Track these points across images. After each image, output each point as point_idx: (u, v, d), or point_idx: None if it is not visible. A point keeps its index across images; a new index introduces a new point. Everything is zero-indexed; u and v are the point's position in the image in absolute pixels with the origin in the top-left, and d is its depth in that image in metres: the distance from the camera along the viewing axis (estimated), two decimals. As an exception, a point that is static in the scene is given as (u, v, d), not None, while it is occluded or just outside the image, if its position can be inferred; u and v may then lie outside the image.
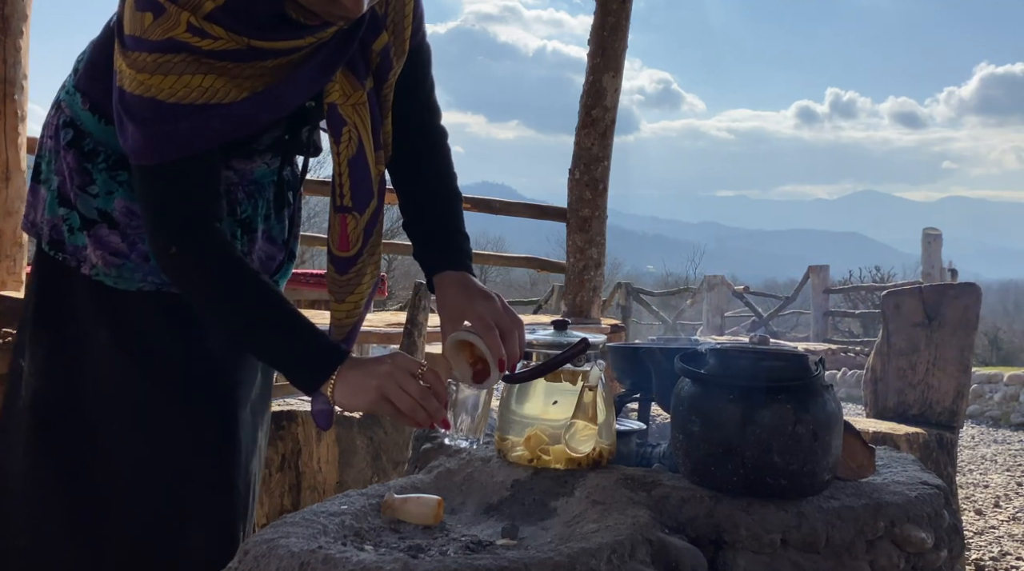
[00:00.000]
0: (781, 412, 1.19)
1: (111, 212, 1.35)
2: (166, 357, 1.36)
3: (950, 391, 3.16)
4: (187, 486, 1.36)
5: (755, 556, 1.15)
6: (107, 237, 1.35)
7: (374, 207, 1.37)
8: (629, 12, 4.78)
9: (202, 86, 1.19)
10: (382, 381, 1.20)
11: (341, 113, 1.31)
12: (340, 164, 1.33)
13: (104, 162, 1.35)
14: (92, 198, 1.35)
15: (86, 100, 1.35)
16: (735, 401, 1.21)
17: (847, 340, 12.53)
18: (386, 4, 1.33)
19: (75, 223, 1.36)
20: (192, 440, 1.36)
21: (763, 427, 1.18)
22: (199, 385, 1.37)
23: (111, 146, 1.33)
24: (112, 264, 1.35)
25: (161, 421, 1.35)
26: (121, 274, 1.35)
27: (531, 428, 1.33)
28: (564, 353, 1.30)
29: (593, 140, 4.82)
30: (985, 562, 3.33)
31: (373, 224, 1.37)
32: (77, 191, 1.35)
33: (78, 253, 1.36)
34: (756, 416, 1.19)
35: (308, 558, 0.98)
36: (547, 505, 1.24)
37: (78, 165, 1.35)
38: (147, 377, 1.35)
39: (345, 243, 1.35)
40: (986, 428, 7.05)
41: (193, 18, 1.15)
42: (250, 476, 1.44)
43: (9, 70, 3.51)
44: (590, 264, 4.86)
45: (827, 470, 1.23)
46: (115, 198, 1.35)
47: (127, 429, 1.35)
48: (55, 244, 1.38)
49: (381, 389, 1.21)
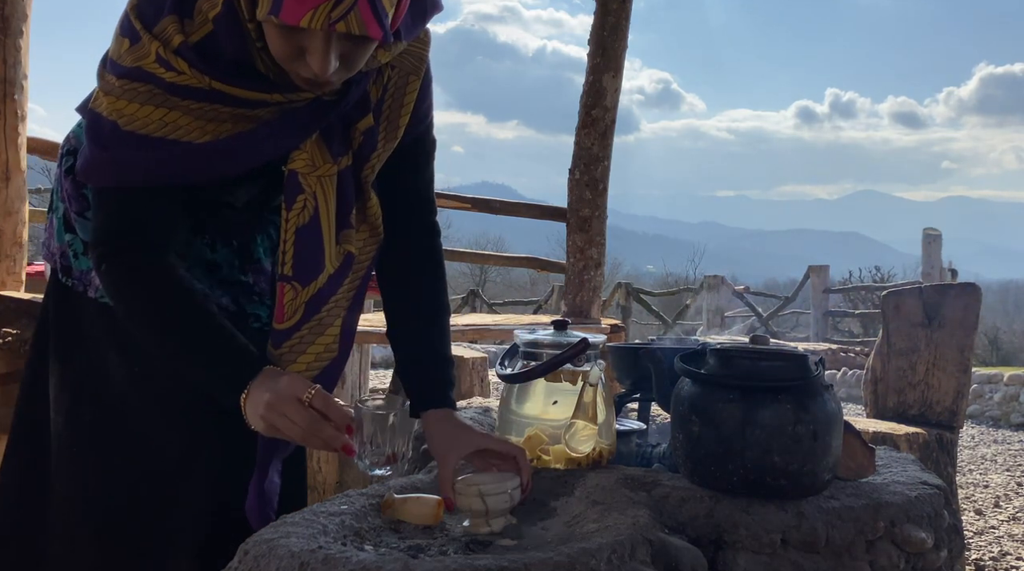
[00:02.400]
0: (781, 412, 1.19)
1: None
2: (166, 379, 1.34)
3: (950, 391, 3.16)
4: (173, 511, 1.34)
5: (755, 556, 1.15)
6: None
7: (322, 282, 1.31)
8: (629, 12, 4.77)
9: (163, 120, 1.20)
10: (266, 412, 1.17)
11: (301, 182, 1.28)
12: (287, 231, 1.29)
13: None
14: (88, 222, 1.33)
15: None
16: (735, 401, 1.21)
17: (847, 340, 12.53)
18: (383, 91, 1.31)
19: (79, 248, 1.39)
20: (182, 463, 1.35)
21: (763, 427, 1.18)
22: (195, 406, 1.34)
23: None
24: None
25: (155, 441, 1.35)
26: None
27: (531, 428, 1.33)
28: (564, 353, 1.30)
29: (593, 140, 4.82)
30: (985, 562, 3.33)
31: (321, 300, 1.31)
32: (76, 217, 1.38)
33: (83, 277, 1.39)
34: (756, 416, 1.19)
35: (308, 558, 0.98)
36: (547, 505, 1.24)
37: (75, 191, 1.37)
38: (148, 398, 1.35)
39: (280, 314, 1.30)
40: (986, 428, 7.05)
41: (162, 50, 1.16)
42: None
43: (9, 70, 3.51)
44: (590, 264, 4.86)
45: (827, 470, 1.23)
46: None
47: (120, 448, 1.35)
48: (65, 270, 1.41)
49: (267, 419, 1.17)
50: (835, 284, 14.30)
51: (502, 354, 1.44)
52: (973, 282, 3.37)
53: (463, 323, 4.33)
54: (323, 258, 1.30)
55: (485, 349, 7.48)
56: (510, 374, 1.36)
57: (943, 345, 3.16)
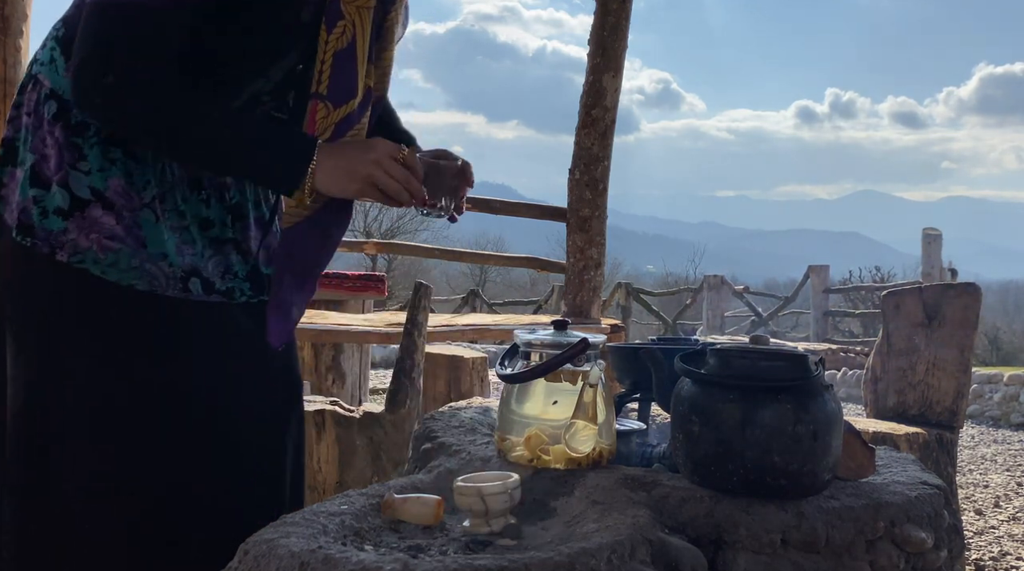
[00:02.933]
0: (781, 412, 1.19)
1: (105, 191, 1.28)
2: (151, 370, 1.30)
3: (950, 391, 3.16)
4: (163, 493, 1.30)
5: (755, 556, 1.15)
6: (101, 218, 1.27)
7: (353, 107, 1.34)
8: (629, 12, 4.77)
9: None
10: (372, 170, 1.25)
11: (342, 8, 1.30)
12: (325, 52, 1.30)
13: (95, 136, 1.28)
14: (84, 175, 1.27)
15: (71, 66, 1.24)
16: (735, 401, 1.21)
17: (847, 340, 12.53)
18: None
19: (51, 204, 1.27)
20: (169, 468, 1.30)
21: (763, 427, 1.18)
22: (184, 404, 1.31)
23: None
24: (107, 248, 1.27)
25: (138, 439, 1.29)
26: (116, 261, 1.28)
27: (531, 428, 1.33)
28: (564, 353, 1.30)
29: (593, 140, 4.82)
30: (985, 562, 3.33)
31: (348, 125, 1.34)
32: (68, 168, 1.27)
33: (52, 238, 1.27)
34: (756, 416, 1.19)
35: (308, 558, 0.98)
36: (547, 505, 1.24)
37: (66, 139, 1.27)
38: (128, 390, 1.29)
39: (312, 130, 1.31)
40: (986, 428, 7.05)
41: None
42: (256, 495, 1.39)
43: (9, 70, 3.51)
44: (590, 264, 4.86)
45: (827, 470, 1.23)
46: (110, 177, 1.28)
47: (100, 443, 1.28)
48: (24, 229, 1.27)
49: (371, 177, 1.25)
50: (835, 284, 14.30)
51: (502, 354, 1.44)
52: (973, 282, 3.37)
53: (463, 323, 4.33)
54: (356, 84, 1.34)
55: (485, 349, 7.48)
56: (510, 374, 1.36)
57: (943, 345, 3.16)
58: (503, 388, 1.37)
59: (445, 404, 1.90)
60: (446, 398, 4.27)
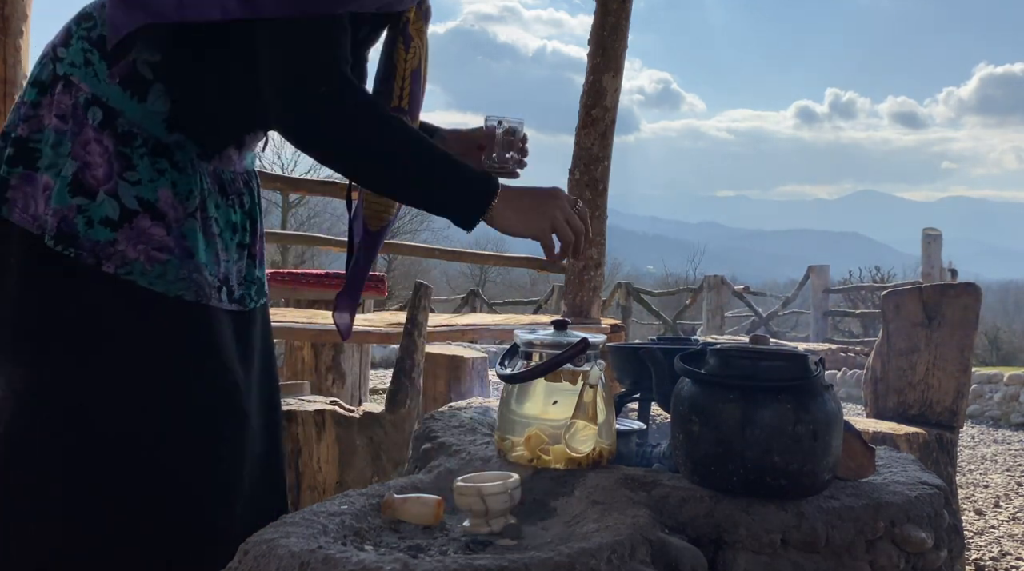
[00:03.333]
0: (781, 412, 1.19)
1: (156, 202, 1.26)
2: (199, 381, 1.31)
3: (950, 391, 3.16)
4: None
5: (755, 556, 1.15)
6: (150, 229, 1.26)
7: (418, 120, 1.50)
8: (629, 12, 4.77)
9: None
10: (556, 214, 1.31)
11: (412, 33, 1.41)
12: (404, 70, 1.42)
13: (143, 146, 1.27)
14: (131, 185, 1.25)
15: (115, 73, 1.26)
16: (735, 401, 1.21)
17: (847, 340, 12.53)
18: None
19: (98, 214, 1.24)
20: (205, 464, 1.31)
21: (763, 427, 1.18)
22: (214, 414, 1.33)
23: (146, 129, 1.27)
24: (155, 260, 1.26)
25: (186, 447, 1.30)
26: (164, 272, 1.27)
27: (531, 428, 1.33)
28: (564, 353, 1.30)
29: (593, 140, 4.82)
30: (985, 562, 3.33)
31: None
32: (117, 178, 1.25)
33: (98, 249, 1.24)
34: (756, 416, 1.19)
35: (308, 558, 0.98)
36: (547, 505, 1.24)
37: (115, 148, 1.25)
38: (178, 400, 1.29)
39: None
40: (986, 428, 7.05)
41: None
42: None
43: (9, 70, 3.51)
44: (590, 264, 4.86)
45: (827, 470, 1.23)
46: (159, 187, 1.27)
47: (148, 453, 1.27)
48: (65, 238, 1.24)
49: (555, 220, 1.31)
50: (835, 284, 14.30)
51: (502, 354, 1.44)
52: (973, 282, 3.37)
53: (463, 323, 4.33)
54: (422, 100, 1.48)
55: (485, 349, 7.48)
56: (510, 374, 1.35)
57: (943, 345, 3.16)
58: (503, 388, 1.37)
59: (445, 404, 1.90)
60: (446, 398, 4.27)
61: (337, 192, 5.92)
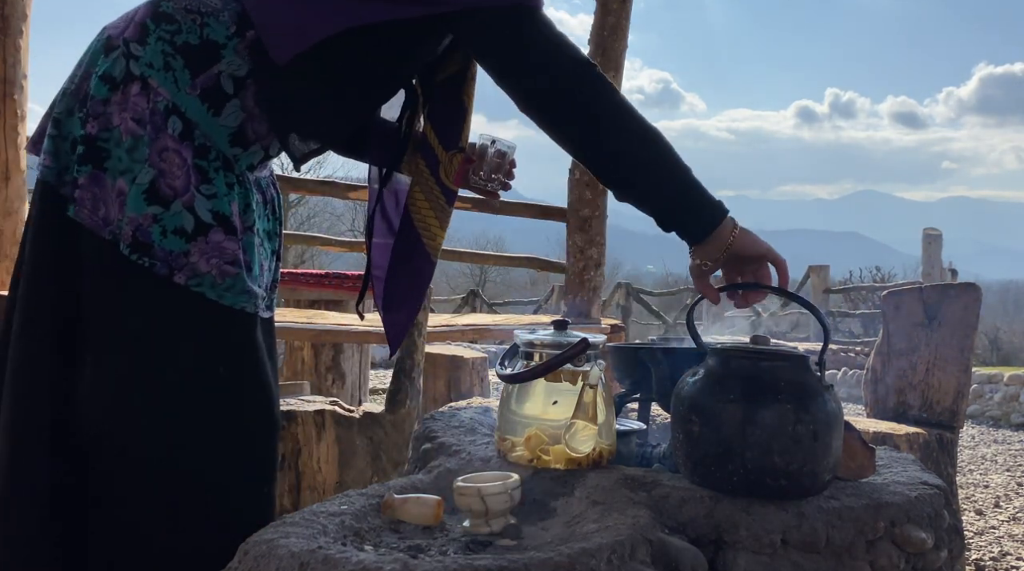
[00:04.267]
0: (782, 413, 1.19)
1: (230, 217, 1.27)
2: (256, 392, 1.34)
3: (950, 391, 3.15)
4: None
5: (755, 556, 1.15)
6: (223, 242, 1.26)
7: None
8: (629, 12, 4.77)
9: None
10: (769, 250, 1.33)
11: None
12: (469, 109, 1.46)
13: (217, 160, 1.27)
14: (206, 198, 1.25)
15: (198, 84, 1.25)
16: (735, 401, 1.20)
17: (847, 340, 12.53)
18: None
19: (171, 224, 1.23)
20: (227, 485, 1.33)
21: (763, 428, 1.18)
22: (256, 426, 1.35)
23: (218, 143, 1.27)
24: (226, 273, 1.26)
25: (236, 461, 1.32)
26: (232, 285, 1.27)
27: (531, 428, 1.33)
28: (564, 353, 1.30)
29: (593, 140, 4.82)
30: (985, 562, 3.33)
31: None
32: (194, 191, 1.24)
33: (171, 259, 1.23)
34: (756, 417, 1.19)
35: (308, 558, 0.98)
36: (547, 505, 1.24)
37: (193, 161, 1.24)
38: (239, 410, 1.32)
39: (459, 179, 1.50)
40: (986, 428, 7.05)
41: None
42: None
43: (9, 70, 3.52)
44: (590, 264, 4.86)
45: (827, 470, 1.23)
46: (232, 201, 1.27)
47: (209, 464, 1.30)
48: (140, 247, 1.23)
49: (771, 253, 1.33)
50: (835, 284, 14.29)
51: (502, 354, 1.44)
52: (973, 282, 3.37)
53: (463, 323, 4.33)
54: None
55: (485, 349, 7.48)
56: (510, 374, 1.35)
57: (943, 345, 3.16)
58: (503, 388, 1.37)
59: (445, 404, 1.90)
60: (446, 398, 4.27)
61: (337, 192, 5.92)
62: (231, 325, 1.30)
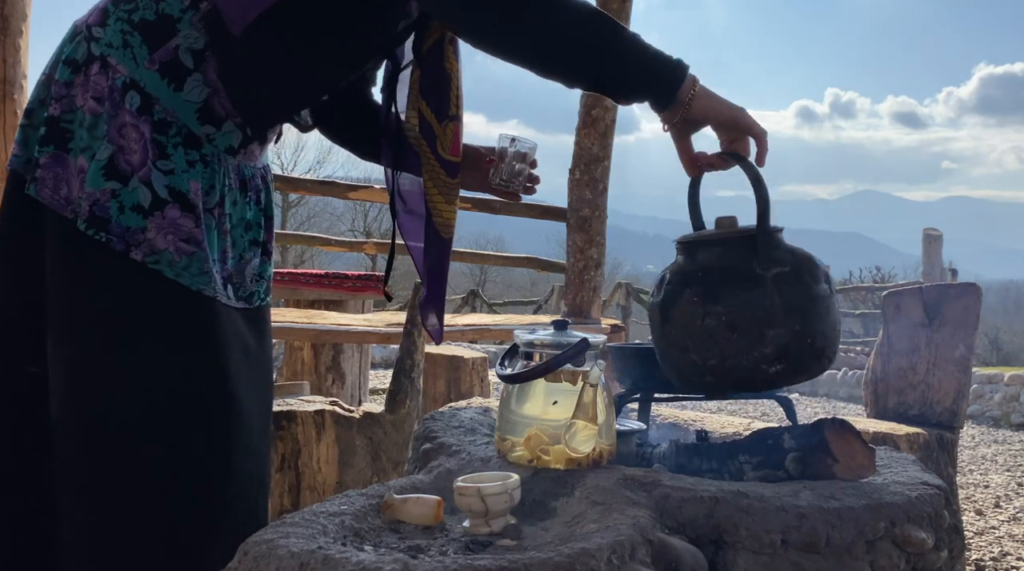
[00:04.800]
0: (689, 307, 1.13)
1: (187, 193, 1.25)
2: (208, 377, 1.30)
3: (950, 391, 3.16)
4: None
5: (755, 556, 1.15)
6: (179, 220, 1.25)
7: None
8: (629, 12, 4.77)
9: None
10: (742, 114, 1.29)
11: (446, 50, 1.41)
12: (458, 78, 1.43)
13: (177, 136, 1.25)
14: (163, 174, 1.24)
15: (156, 59, 1.24)
16: (657, 302, 1.18)
17: (847, 340, 12.53)
18: None
19: (130, 201, 1.22)
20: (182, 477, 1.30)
21: (676, 325, 1.13)
22: (228, 413, 1.33)
23: (180, 118, 1.26)
24: (183, 252, 1.25)
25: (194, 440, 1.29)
26: (189, 265, 1.26)
27: (531, 428, 1.33)
28: (564, 353, 1.30)
29: (593, 140, 4.82)
30: (985, 562, 3.33)
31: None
32: (151, 165, 1.23)
33: (128, 235, 1.23)
34: (669, 315, 1.14)
35: (308, 558, 0.98)
36: (547, 505, 1.24)
37: (151, 136, 1.23)
38: (190, 393, 1.29)
39: (456, 149, 1.43)
40: (986, 428, 7.05)
41: None
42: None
43: (9, 70, 3.52)
44: (590, 264, 4.86)
45: (769, 361, 1.14)
46: (191, 178, 1.26)
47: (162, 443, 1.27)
48: (97, 222, 1.22)
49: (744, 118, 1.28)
50: (835, 284, 14.29)
51: (502, 354, 1.44)
52: (973, 282, 3.37)
53: (463, 323, 4.33)
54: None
55: (485, 349, 7.49)
56: (510, 374, 1.35)
57: (943, 345, 3.16)
58: (503, 388, 1.37)
59: (445, 404, 1.90)
60: (446, 398, 4.27)
61: (337, 192, 5.92)
62: (192, 308, 1.27)
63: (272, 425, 2.65)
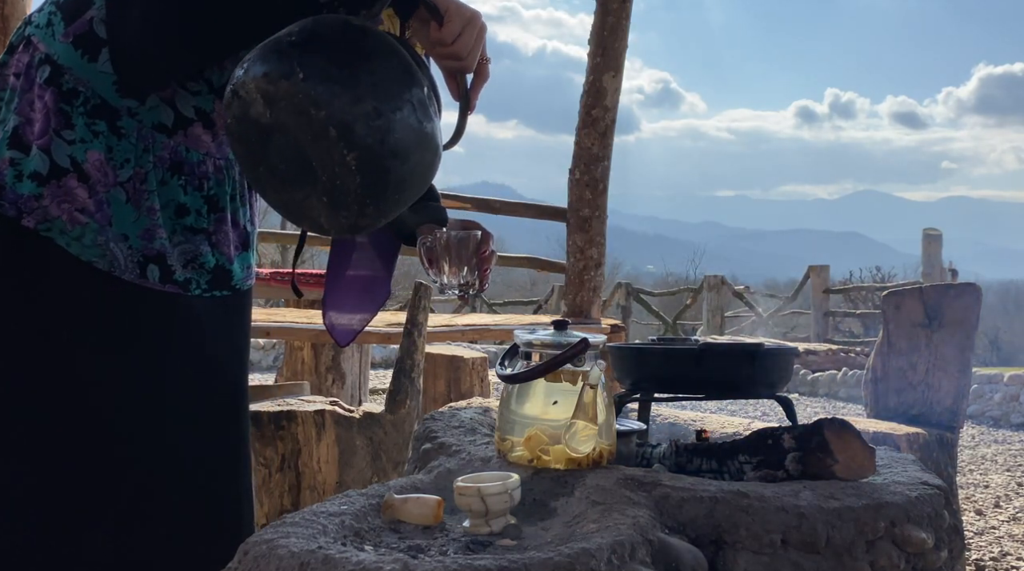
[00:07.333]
0: None
1: (83, 163, 1.25)
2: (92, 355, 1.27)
3: (950, 391, 3.16)
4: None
5: (755, 556, 1.15)
6: (75, 190, 1.24)
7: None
8: (629, 12, 4.78)
9: None
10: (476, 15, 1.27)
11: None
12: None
13: (83, 106, 1.25)
14: (66, 144, 1.24)
15: (70, 32, 1.25)
16: None
17: (847, 340, 12.54)
18: None
19: (28, 168, 1.24)
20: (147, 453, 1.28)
21: None
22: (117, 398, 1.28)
23: (93, 87, 1.25)
24: (76, 221, 1.24)
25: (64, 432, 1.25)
26: (82, 235, 1.25)
27: (531, 428, 1.33)
28: (564, 353, 1.30)
29: (593, 140, 4.82)
30: (985, 562, 3.33)
31: None
32: (52, 134, 1.24)
33: (21, 202, 1.23)
34: None
35: (308, 558, 0.98)
36: (547, 505, 1.24)
37: (55, 105, 1.24)
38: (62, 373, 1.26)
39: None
40: (986, 428, 7.05)
41: None
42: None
43: (9, 70, 3.51)
44: (590, 264, 4.87)
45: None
46: (90, 149, 1.25)
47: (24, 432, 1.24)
48: None
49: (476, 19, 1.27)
50: (835, 284, 14.30)
51: (502, 354, 1.44)
52: (973, 282, 3.37)
53: (463, 323, 4.33)
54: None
55: (485, 349, 7.49)
56: (510, 374, 1.35)
57: (943, 345, 3.16)
58: (503, 388, 1.37)
59: (445, 404, 1.90)
60: (446, 398, 4.27)
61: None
62: (80, 279, 1.26)
63: (273, 425, 2.66)
